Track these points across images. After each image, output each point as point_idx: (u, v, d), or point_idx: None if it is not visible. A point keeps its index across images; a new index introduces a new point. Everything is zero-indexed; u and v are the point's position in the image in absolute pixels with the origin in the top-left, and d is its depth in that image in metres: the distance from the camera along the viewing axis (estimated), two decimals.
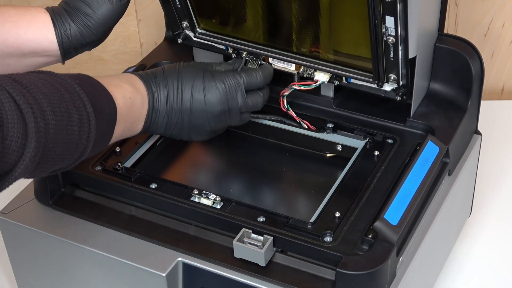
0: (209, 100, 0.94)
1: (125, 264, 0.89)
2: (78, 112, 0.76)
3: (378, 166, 0.96)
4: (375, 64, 0.94)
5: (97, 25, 0.93)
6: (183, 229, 0.91)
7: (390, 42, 0.91)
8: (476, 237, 1.19)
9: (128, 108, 0.87)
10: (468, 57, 1.01)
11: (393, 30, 0.90)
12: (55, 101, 0.73)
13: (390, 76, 0.95)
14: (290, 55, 1.00)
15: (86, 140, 0.77)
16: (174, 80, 0.94)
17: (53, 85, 0.75)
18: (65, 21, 0.92)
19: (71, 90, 0.77)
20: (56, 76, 0.78)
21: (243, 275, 0.87)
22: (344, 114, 1.04)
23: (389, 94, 0.97)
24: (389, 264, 0.84)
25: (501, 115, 1.41)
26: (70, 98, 0.76)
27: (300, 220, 0.89)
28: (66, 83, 0.77)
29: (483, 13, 1.38)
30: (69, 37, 0.92)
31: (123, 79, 0.90)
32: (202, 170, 1.05)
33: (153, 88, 0.93)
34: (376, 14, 0.89)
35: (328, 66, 0.99)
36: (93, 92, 0.80)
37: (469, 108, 1.03)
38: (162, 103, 0.93)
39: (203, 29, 1.05)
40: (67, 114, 0.74)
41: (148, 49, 1.43)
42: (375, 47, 0.92)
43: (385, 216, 0.86)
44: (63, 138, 0.74)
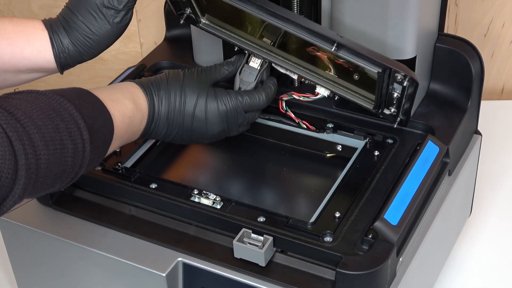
0: (210, 120, 0.94)
1: (125, 264, 0.89)
2: (73, 142, 0.75)
3: (378, 166, 0.96)
4: (377, 100, 0.94)
5: (95, 45, 0.92)
6: (183, 229, 0.91)
7: (395, 97, 0.92)
8: (476, 237, 1.19)
9: (126, 126, 0.86)
10: (468, 57, 1.01)
11: (399, 90, 0.91)
12: (48, 135, 0.72)
13: (390, 108, 0.95)
14: (293, 65, 0.99)
15: (79, 167, 0.77)
16: (177, 93, 0.93)
17: (49, 114, 0.74)
18: (63, 41, 0.91)
19: (68, 117, 0.75)
20: (54, 100, 0.76)
21: (243, 275, 0.87)
22: (344, 114, 1.04)
23: (387, 117, 0.97)
24: (389, 264, 0.84)
25: (501, 115, 1.41)
26: (66, 128, 0.74)
27: (300, 220, 0.89)
28: (63, 109, 0.76)
29: (483, 13, 1.38)
30: (68, 56, 0.92)
31: (125, 92, 0.89)
32: (202, 170, 1.05)
33: (155, 101, 0.92)
34: (385, 79, 0.91)
35: (329, 85, 0.97)
36: (91, 114, 0.79)
37: (469, 108, 1.03)
38: (162, 116, 0.92)
39: (207, 19, 1.02)
40: (60, 146, 0.73)
41: (148, 49, 1.43)
42: (379, 94, 0.93)
43: (385, 216, 0.86)
44: (55, 170, 0.73)
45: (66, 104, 0.76)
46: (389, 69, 0.90)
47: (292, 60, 0.99)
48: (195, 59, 1.15)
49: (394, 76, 0.90)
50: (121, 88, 0.90)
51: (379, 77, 0.90)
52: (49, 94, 0.76)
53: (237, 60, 1.00)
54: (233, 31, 1.01)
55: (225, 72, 0.98)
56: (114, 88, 0.89)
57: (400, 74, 0.89)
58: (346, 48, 0.91)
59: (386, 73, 0.90)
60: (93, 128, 0.78)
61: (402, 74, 0.89)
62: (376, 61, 0.90)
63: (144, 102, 0.90)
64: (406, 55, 0.97)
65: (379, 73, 0.90)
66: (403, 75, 0.89)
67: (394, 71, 0.89)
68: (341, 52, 0.91)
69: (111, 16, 0.92)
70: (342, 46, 0.91)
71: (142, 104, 0.90)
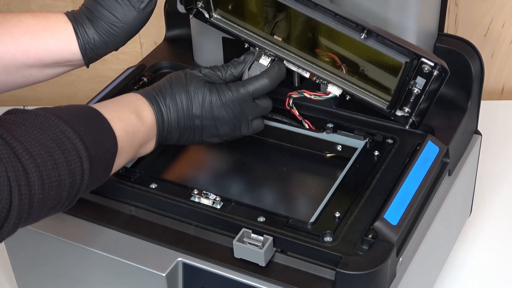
0: (218, 117, 0.93)
1: (125, 264, 0.89)
2: (71, 175, 0.74)
3: (378, 166, 0.96)
4: (393, 99, 0.92)
5: (121, 33, 0.91)
6: (183, 229, 0.91)
7: (415, 93, 0.90)
8: (476, 237, 1.19)
9: (130, 141, 0.85)
10: (468, 57, 1.01)
11: (421, 86, 0.89)
12: (46, 173, 0.72)
13: (405, 108, 0.93)
14: (306, 62, 0.97)
15: (74, 196, 0.76)
16: (183, 97, 0.92)
17: (49, 148, 0.73)
18: (88, 32, 0.90)
19: (70, 147, 0.74)
20: (58, 128, 0.75)
21: (243, 275, 0.86)
22: (344, 114, 1.04)
23: (399, 119, 0.94)
24: (389, 264, 0.84)
25: (501, 115, 1.41)
26: (65, 161, 0.74)
27: (300, 220, 0.89)
28: (66, 138, 0.75)
29: (483, 13, 1.38)
30: (93, 47, 0.91)
31: (131, 106, 0.88)
32: (202, 170, 1.05)
33: (163, 110, 0.91)
34: (409, 73, 0.88)
35: (342, 83, 0.96)
36: (96, 140, 0.78)
37: (469, 108, 1.03)
38: (173, 123, 0.91)
39: (219, 14, 1.01)
40: (57, 183, 0.73)
41: (148, 49, 1.43)
42: (398, 90, 0.91)
43: (385, 216, 0.86)
44: (49, 205, 0.73)
45: (70, 133, 0.75)
46: (417, 59, 0.86)
47: (304, 57, 0.97)
48: (195, 59, 1.15)
49: (421, 68, 0.87)
50: (128, 102, 0.89)
51: (405, 68, 0.88)
52: (54, 120, 0.75)
53: (245, 57, 0.98)
54: (244, 26, 1.00)
55: (230, 75, 0.96)
56: (120, 102, 0.88)
57: (428, 63, 0.86)
58: (375, 35, 0.88)
59: (413, 64, 0.87)
60: (95, 156, 0.77)
61: (431, 64, 0.86)
62: (405, 50, 0.87)
63: (150, 115, 0.90)
64: None
65: (406, 63, 0.87)
66: (433, 65, 0.86)
67: (421, 62, 0.86)
68: (370, 41, 0.89)
69: (137, 1, 0.90)
70: (371, 33, 0.88)
71: (148, 117, 0.89)
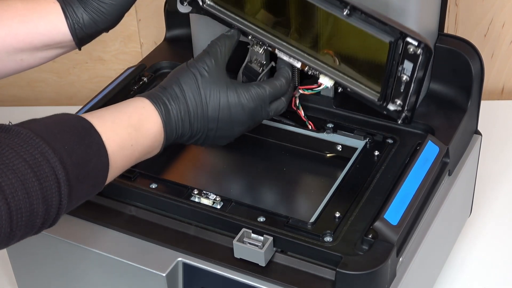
0: (236, 120, 0.91)
1: (125, 264, 0.89)
2: (46, 202, 0.72)
3: (378, 166, 0.96)
4: (383, 89, 0.90)
5: (111, 10, 0.90)
6: (183, 229, 0.91)
7: (403, 80, 0.87)
8: (476, 237, 1.19)
9: (126, 156, 0.83)
10: (468, 57, 1.01)
11: (409, 72, 0.87)
12: (14, 204, 0.69)
13: (396, 101, 0.91)
14: (297, 51, 0.96)
15: (54, 220, 0.74)
16: (197, 99, 0.88)
17: (23, 175, 0.70)
18: (76, 11, 0.89)
19: (48, 171, 0.72)
20: (37, 150, 0.72)
21: (243, 275, 0.87)
22: (344, 114, 1.04)
23: (392, 113, 0.92)
24: (389, 264, 0.84)
25: (501, 115, 1.41)
26: (40, 187, 0.71)
27: (300, 220, 0.89)
28: (44, 161, 0.72)
29: (483, 13, 1.38)
30: (83, 26, 0.90)
31: (132, 117, 0.84)
32: (202, 170, 1.05)
33: (173, 115, 0.87)
34: (395, 56, 0.86)
35: (333, 73, 0.94)
36: (82, 157, 0.75)
37: (469, 108, 1.03)
38: (185, 127, 0.88)
39: (212, 1, 1.00)
40: (28, 213, 0.70)
41: (148, 49, 1.43)
42: (387, 78, 0.89)
43: (385, 216, 0.86)
44: (19, 234, 0.71)
45: (50, 155, 0.72)
46: (402, 38, 0.84)
47: (296, 46, 0.96)
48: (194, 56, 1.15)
49: (407, 50, 0.85)
50: (130, 111, 0.85)
51: (390, 50, 0.86)
52: (35, 140, 0.73)
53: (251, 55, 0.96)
54: (237, 14, 0.99)
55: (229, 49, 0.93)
56: (121, 112, 0.84)
57: (413, 42, 0.84)
58: (359, 12, 0.86)
59: (399, 45, 0.85)
60: (79, 177, 0.75)
61: (416, 43, 0.84)
62: (389, 27, 0.85)
63: (154, 125, 0.86)
64: None
65: (391, 43, 0.85)
66: (417, 44, 0.84)
67: (406, 42, 0.84)
68: (353, 18, 0.87)
69: None
70: (355, 9, 0.86)
71: (152, 128, 0.86)
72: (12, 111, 1.49)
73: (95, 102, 1.06)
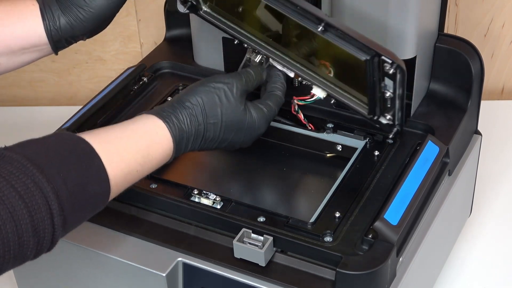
0: (246, 141, 0.91)
1: (125, 264, 0.89)
2: (36, 234, 0.69)
3: (378, 166, 0.96)
4: (371, 105, 0.90)
5: (89, 18, 0.89)
6: (183, 229, 0.91)
7: (387, 97, 0.87)
8: (476, 237, 1.19)
9: (130, 180, 0.80)
10: (468, 57, 1.01)
11: (391, 88, 0.87)
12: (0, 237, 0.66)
13: (386, 115, 0.91)
14: (291, 62, 0.96)
15: (48, 248, 0.72)
16: (217, 122, 0.87)
17: (13, 207, 0.67)
18: (54, 13, 0.88)
19: (40, 202, 0.69)
20: (30, 178, 0.69)
21: (243, 275, 0.87)
22: (344, 114, 1.04)
23: (384, 127, 0.92)
24: (389, 264, 0.84)
25: (501, 115, 1.41)
26: (31, 220, 0.68)
27: (300, 220, 0.89)
28: (37, 191, 0.69)
29: (483, 13, 1.38)
30: (59, 29, 0.89)
31: (141, 142, 0.81)
32: (202, 170, 1.05)
33: (185, 137, 0.85)
34: (374, 73, 0.86)
35: (325, 86, 0.95)
36: (79, 183, 0.72)
37: (469, 108, 1.03)
38: (196, 147, 0.87)
39: (208, 7, 1.00)
40: (17, 246, 0.68)
41: (148, 49, 1.43)
42: (372, 95, 0.89)
43: (385, 216, 0.86)
44: (9, 266, 0.69)
45: (43, 184, 0.70)
46: (377, 56, 0.84)
47: (291, 57, 0.97)
48: (195, 59, 1.15)
49: (383, 67, 0.85)
50: (141, 134, 0.82)
51: (367, 67, 0.86)
52: (29, 168, 0.70)
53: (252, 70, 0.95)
54: (234, 22, 0.99)
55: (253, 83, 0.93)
56: (130, 136, 0.81)
57: (387, 61, 0.84)
58: (334, 29, 0.86)
59: (375, 63, 0.85)
60: (75, 205, 0.72)
61: (389, 62, 0.84)
62: (364, 47, 0.85)
63: (164, 150, 0.83)
64: (406, 55, 0.97)
65: (367, 61, 0.85)
66: (390, 63, 0.84)
67: (383, 60, 0.84)
68: (328, 34, 0.87)
69: None
70: (330, 26, 0.86)
71: (162, 153, 0.83)
72: (12, 111, 1.49)
73: (95, 102, 1.06)
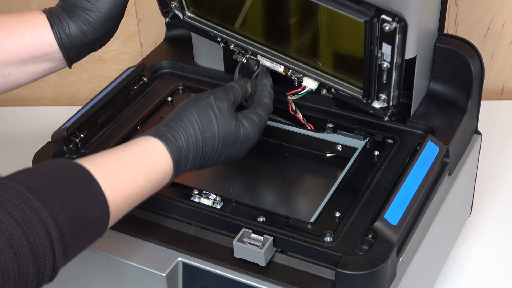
0: (241, 151, 0.91)
1: (125, 264, 0.89)
2: (36, 262, 0.68)
3: (378, 166, 0.96)
4: (366, 83, 0.90)
5: (98, 19, 0.89)
6: (183, 229, 0.91)
7: (384, 67, 0.86)
8: (476, 237, 1.19)
9: (130, 203, 0.80)
10: (468, 57, 1.01)
11: (389, 57, 0.86)
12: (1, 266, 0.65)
13: (381, 96, 0.90)
14: (279, 56, 0.96)
15: (51, 277, 0.71)
16: (215, 140, 0.87)
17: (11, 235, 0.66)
18: (63, 20, 0.88)
19: (39, 229, 0.68)
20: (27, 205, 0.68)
21: (243, 275, 0.87)
22: (344, 114, 1.04)
23: (377, 112, 0.92)
24: (389, 264, 0.84)
25: (501, 115, 1.41)
26: (30, 247, 0.67)
27: (300, 220, 0.89)
28: (35, 218, 0.68)
29: (483, 13, 1.38)
30: (69, 36, 0.89)
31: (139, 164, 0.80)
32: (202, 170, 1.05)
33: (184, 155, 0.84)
34: (373, 40, 0.85)
35: (316, 74, 0.94)
36: (78, 208, 0.71)
37: (469, 108, 1.03)
38: (196, 166, 0.87)
39: (192, 12, 1.01)
40: (17, 275, 0.67)
41: (148, 49, 1.43)
42: (368, 68, 0.88)
43: (385, 216, 0.86)
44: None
45: (41, 211, 0.68)
46: (376, 16, 0.82)
47: (277, 51, 0.97)
48: (195, 59, 1.15)
49: (383, 29, 0.83)
50: (139, 157, 0.81)
51: (366, 30, 0.84)
52: (26, 195, 0.69)
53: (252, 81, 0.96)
54: (218, 24, 0.99)
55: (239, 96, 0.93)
56: (129, 160, 0.80)
57: (388, 18, 0.81)
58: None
59: (374, 24, 0.83)
60: (75, 230, 0.71)
61: (390, 18, 0.81)
62: (363, 7, 0.83)
63: (164, 172, 0.83)
64: (406, 55, 0.96)
65: (366, 22, 0.83)
66: (391, 18, 0.81)
67: (382, 20, 0.82)
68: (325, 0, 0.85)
69: None
70: None
71: (161, 176, 0.83)
72: (12, 111, 1.49)
73: (95, 102, 1.06)
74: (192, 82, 1.13)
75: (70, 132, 1.00)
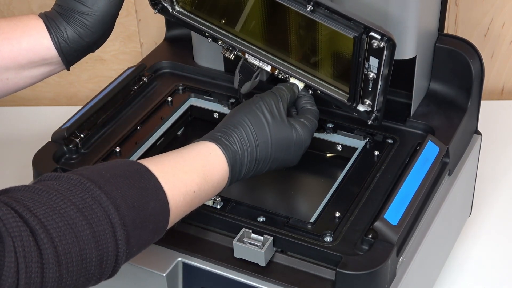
0: (296, 156, 0.91)
1: (125, 264, 0.89)
2: (99, 248, 0.68)
3: (378, 166, 0.96)
4: (352, 88, 0.90)
5: (95, 22, 0.89)
6: (183, 229, 0.91)
7: (370, 78, 0.88)
8: (476, 237, 1.19)
9: (189, 201, 0.80)
10: (468, 57, 1.01)
11: (375, 68, 0.87)
12: (62, 248, 0.66)
13: (365, 101, 0.91)
14: (266, 55, 0.97)
15: (114, 268, 0.71)
16: (267, 145, 0.87)
17: (71, 219, 0.67)
18: (59, 25, 0.89)
19: (100, 216, 0.69)
20: (88, 193, 0.69)
21: (243, 275, 0.87)
22: (344, 114, 1.04)
23: (362, 115, 0.93)
24: (389, 264, 0.84)
25: (501, 115, 1.41)
26: (91, 232, 0.68)
27: (300, 220, 0.89)
28: (96, 205, 0.69)
29: (483, 13, 1.38)
30: (67, 40, 0.89)
31: (197, 164, 0.81)
32: None
33: (239, 160, 0.85)
34: (361, 53, 0.86)
35: (303, 76, 0.95)
36: (138, 201, 0.72)
37: (469, 108, 1.03)
38: (251, 173, 0.87)
39: (181, 7, 1.01)
40: (79, 258, 0.67)
41: (148, 49, 1.43)
42: (355, 76, 0.89)
43: (385, 216, 0.86)
44: (72, 284, 0.68)
45: (103, 199, 0.70)
46: (366, 33, 0.84)
47: (265, 50, 0.97)
48: (195, 59, 1.15)
49: (371, 44, 0.84)
50: (194, 156, 0.82)
51: (355, 45, 0.85)
52: (86, 184, 0.70)
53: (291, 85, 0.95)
54: (207, 20, 0.99)
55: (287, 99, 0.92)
56: (182, 157, 0.81)
57: (377, 36, 0.83)
58: (323, 7, 0.86)
59: (363, 40, 0.85)
60: (136, 221, 0.72)
61: (379, 36, 0.83)
62: (353, 23, 0.84)
63: (221, 174, 0.84)
64: (406, 55, 0.97)
65: (355, 38, 0.85)
66: (380, 37, 0.83)
67: (371, 36, 0.84)
68: (316, 14, 0.87)
69: None
70: (318, 5, 0.86)
71: (218, 177, 0.83)
72: (12, 111, 1.49)
73: (95, 102, 1.06)
74: (192, 82, 1.13)
75: (70, 132, 1.00)
